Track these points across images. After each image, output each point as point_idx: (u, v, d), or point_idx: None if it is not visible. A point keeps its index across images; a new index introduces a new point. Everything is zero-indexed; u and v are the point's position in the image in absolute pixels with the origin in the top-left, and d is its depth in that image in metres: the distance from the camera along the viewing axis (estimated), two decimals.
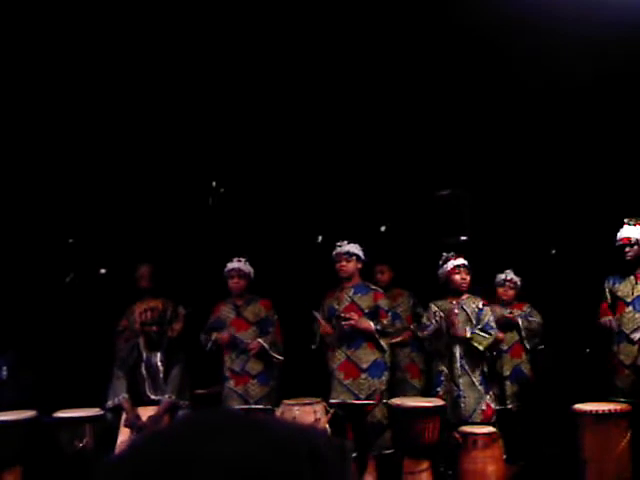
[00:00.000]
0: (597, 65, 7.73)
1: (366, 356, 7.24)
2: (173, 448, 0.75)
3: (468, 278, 7.29)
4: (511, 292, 8.21)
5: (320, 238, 8.62)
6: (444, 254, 7.38)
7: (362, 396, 7.19)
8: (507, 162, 8.68)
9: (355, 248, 7.42)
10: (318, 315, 7.40)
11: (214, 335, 7.75)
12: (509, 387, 7.93)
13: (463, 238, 8.67)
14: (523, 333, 8.02)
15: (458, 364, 7.17)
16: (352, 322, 7.19)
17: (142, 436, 0.83)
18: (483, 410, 7.12)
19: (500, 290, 8.21)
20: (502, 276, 8.22)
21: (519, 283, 8.21)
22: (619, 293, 7.26)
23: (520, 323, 8.02)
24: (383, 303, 7.39)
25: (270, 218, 9.08)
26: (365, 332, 7.22)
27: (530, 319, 8.10)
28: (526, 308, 8.20)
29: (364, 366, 7.22)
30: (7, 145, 8.66)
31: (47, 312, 8.65)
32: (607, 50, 7.57)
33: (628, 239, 7.12)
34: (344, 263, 7.40)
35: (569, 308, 7.96)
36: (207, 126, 8.88)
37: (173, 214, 9.08)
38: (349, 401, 7.18)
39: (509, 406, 7.88)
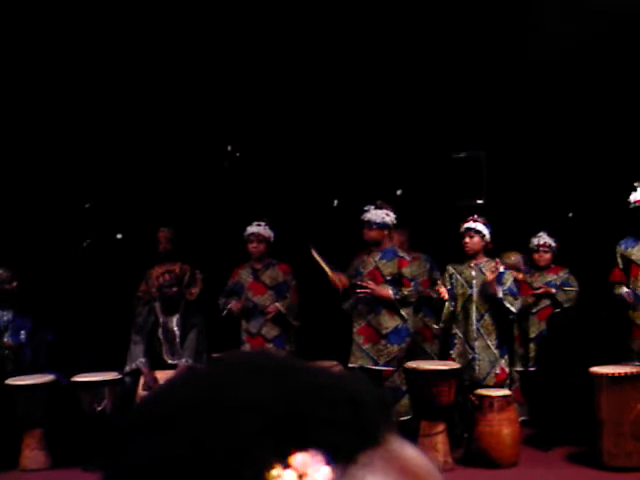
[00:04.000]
0: (616, 23, 7.65)
1: (386, 322, 7.19)
2: (205, 391, 0.73)
3: (472, 242, 7.19)
4: (547, 256, 7.96)
5: (336, 202, 8.60)
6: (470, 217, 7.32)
7: (381, 362, 7.17)
8: (523, 124, 8.59)
9: (376, 216, 7.22)
10: (317, 255, 7.32)
11: (231, 303, 7.77)
12: (532, 349, 7.88)
13: (479, 201, 8.60)
14: (564, 305, 7.85)
15: (474, 327, 7.16)
16: (368, 290, 7.16)
17: (174, 379, 0.81)
18: (497, 373, 7.13)
19: (536, 256, 7.97)
20: (535, 241, 7.97)
21: (554, 245, 7.96)
22: (633, 257, 7.16)
23: (558, 298, 7.84)
24: (407, 271, 7.27)
25: (286, 182, 9.06)
26: (384, 299, 7.20)
27: (566, 289, 7.89)
28: (563, 274, 7.97)
29: (384, 332, 7.17)
30: (25, 110, 8.69)
31: (65, 277, 8.71)
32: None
33: None
34: (366, 231, 7.28)
35: (586, 271, 7.91)
36: (223, 89, 8.85)
37: (191, 178, 9.08)
38: (367, 366, 7.18)
39: (531, 369, 7.86)
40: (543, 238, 7.98)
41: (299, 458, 0.69)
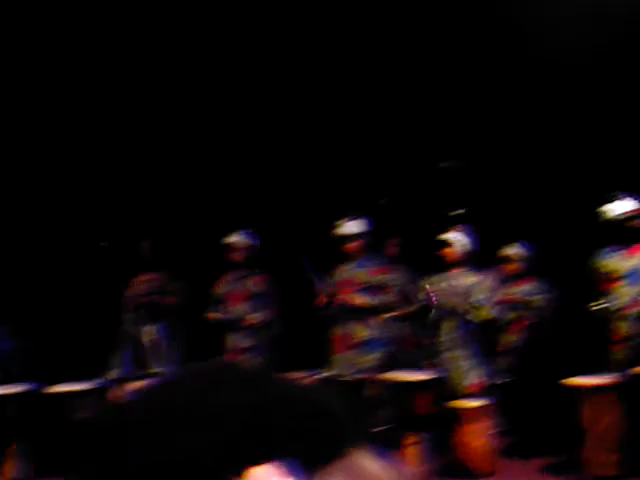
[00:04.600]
0: (599, 38, 7.67)
1: (360, 331, 7.21)
2: (176, 398, 0.75)
3: (450, 252, 7.21)
4: (513, 267, 7.97)
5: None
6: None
7: (354, 371, 7.16)
8: (506, 133, 8.60)
9: (355, 227, 7.27)
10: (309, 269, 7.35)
11: (216, 314, 7.77)
12: (508, 360, 7.83)
13: (461, 211, 8.60)
14: (534, 314, 7.86)
15: (443, 338, 7.17)
16: (346, 300, 7.17)
17: (148, 386, 0.83)
18: (469, 384, 7.12)
19: (502, 265, 7.98)
20: (504, 250, 8.01)
21: (523, 255, 7.97)
22: (610, 268, 7.16)
23: (530, 305, 7.83)
24: (383, 279, 7.32)
25: (272, 192, 9.07)
26: (360, 307, 7.21)
27: (538, 297, 7.90)
28: (535, 284, 7.96)
29: (358, 341, 7.20)
30: (14, 124, 8.74)
31: (48, 285, 8.73)
32: (610, 25, 7.54)
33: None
34: (347, 245, 7.29)
35: (564, 282, 7.90)
36: (210, 99, 8.88)
37: (176, 187, 9.10)
38: (342, 375, 7.16)
39: (507, 380, 7.82)
40: (512, 249, 8.01)
41: (262, 470, 0.71)
